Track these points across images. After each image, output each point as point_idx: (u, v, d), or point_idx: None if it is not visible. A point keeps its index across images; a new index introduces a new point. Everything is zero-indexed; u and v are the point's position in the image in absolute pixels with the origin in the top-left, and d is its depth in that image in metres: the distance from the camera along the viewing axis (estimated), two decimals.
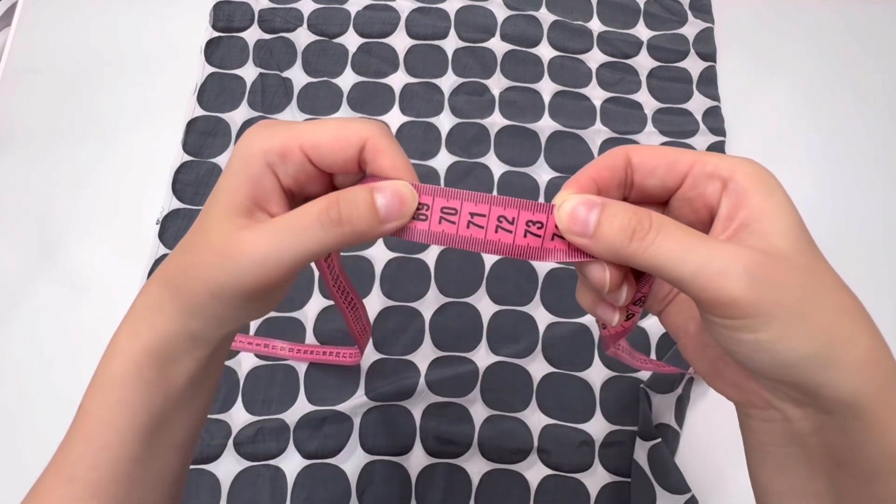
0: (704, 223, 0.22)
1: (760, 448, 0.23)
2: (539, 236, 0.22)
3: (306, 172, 0.23)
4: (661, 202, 0.24)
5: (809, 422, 0.21)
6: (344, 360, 0.47)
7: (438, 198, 0.22)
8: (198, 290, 0.22)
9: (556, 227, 0.22)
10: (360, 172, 0.24)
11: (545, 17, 0.61)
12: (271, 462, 0.46)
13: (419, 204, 0.22)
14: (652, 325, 0.50)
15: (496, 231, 0.22)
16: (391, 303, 0.50)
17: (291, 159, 0.22)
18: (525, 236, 0.22)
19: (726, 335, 0.20)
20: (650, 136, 0.57)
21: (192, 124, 0.55)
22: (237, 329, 0.25)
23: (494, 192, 0.54)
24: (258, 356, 0.48)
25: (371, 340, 0.49)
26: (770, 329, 0.19)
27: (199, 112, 0.56)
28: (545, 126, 0.57)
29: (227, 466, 0.45)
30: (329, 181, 0.24)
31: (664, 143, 0.56)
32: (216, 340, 0.24)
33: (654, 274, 0.21)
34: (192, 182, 0.53)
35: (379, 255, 0.51)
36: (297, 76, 0.58)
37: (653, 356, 0.49)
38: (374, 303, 0.50)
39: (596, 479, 0.46)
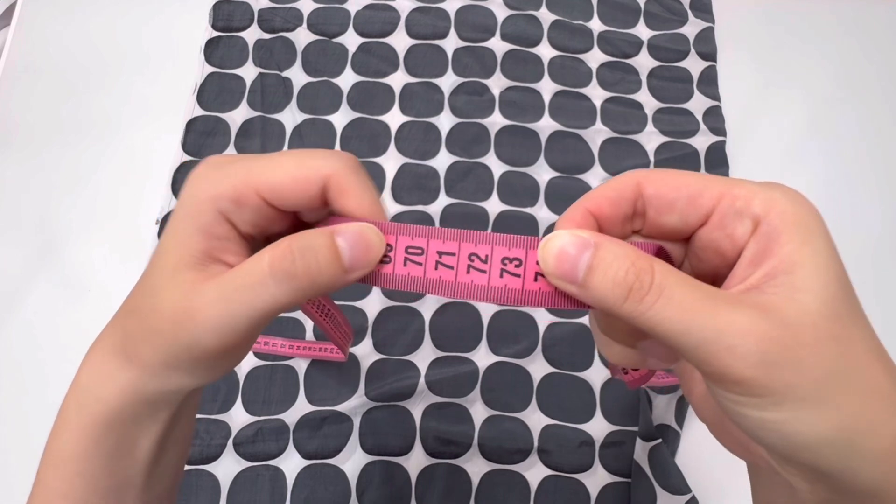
0: (731, 265, 0.19)
1: (765, 502, 0.22)
2: (518, 276, 0.19)
3: (265, 216, 0.20)
4: (680, 239, 0.20)
5: (818, 497, 0.18)
6: (336, 355, 0.47)
7: (402, 236, 0.20)
8: (150, 358, 0.19)
9: (539, 265, 0.19)
10: (327, 208, 0.21)
11: (545, 16, 0.61)
12: (271, 462, 0.46)
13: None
14: None
15: (468, 272, 0.19)
16: (391, 303, 0.50)
17: (247, 204, 0.19)
18: (501, 276, 0.19)
19: (730, 407, 0.17)
20: (650, 136, 0.56)
21: (191, 124, 0.55)
22: (203, 386, 0.22)
23: (495, 193, 0.54)
24: (257, 355, 0.48)
25: (371, 341, 0.49)
26: (780, 411, 0.16)
27: (199, 112, 0.56)
28: (545, 126, 0.56)
29: (227, 467, 0.45)
30: (294, 217, 0.22)
31: (664, 143, 0.56)
32: (179, 400, 0.21)
33: (651, 335, 0.18)
34: None
35: None
36: (297, 76, 0.58)
37: None
38: (374, 303, 0.50)
39: (596, 479, 0.46)
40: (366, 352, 0.48)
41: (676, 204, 0.19)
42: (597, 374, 0.49)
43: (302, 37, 0.59)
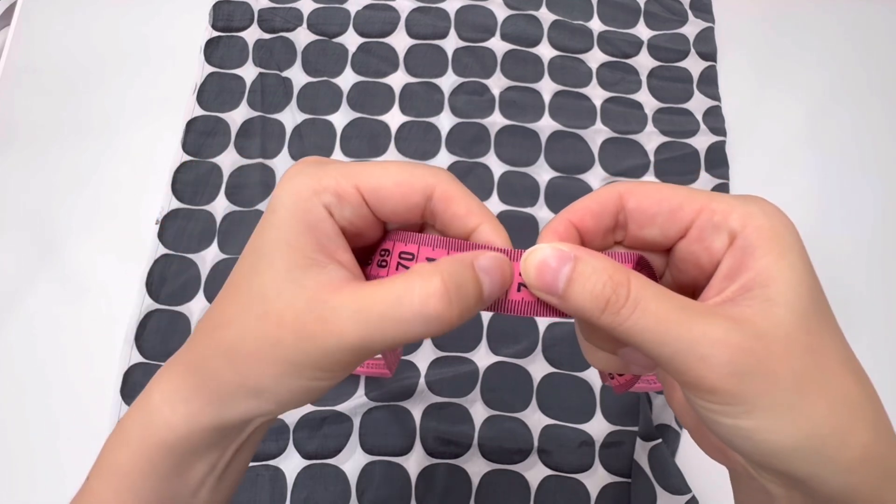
0: (709, 277, 0.20)
1: None
2: None
3: (364, 218, 0.20)
4: (660, 251, 0.21)
5: (793, 502, 0.19)
6: (382, 370, 0.46)
7: (398, 242, 0.20)
8: (254, 367, 0.18)
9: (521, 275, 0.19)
10: (419, 222, 0.21)
11: (545, 16, 0.61)
12: (271, 462, 0.45)
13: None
14: None
15: None
16: None
17: (349, 201, 0.19)
18: None
19: (705, 414, 0.18)
20: (650, 136, 0.56)
21: (191, 124, 0.55)
22: (276, 416, 0.21)
23: (495, 193, 0.54)
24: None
25: None
26: (750, 419, 0.17)
27: (199, 112, 0.56)
28: (545, 126, 0.56)
29: None
30: (382, 229, 0.21)
31: (665, 143, 0.56)
32: (247, 433, 0.21)
33: (629, 345, 0.18)
34: (192, 182, 0.53)
35: None
36: (297, 76, 0.58)
37: None
38: None
39: (596, 479, 0.46)
40: None
41: (657, 217, 0.20)
42: (597, 375, 0.49)
43: (302, 37, 0.59)
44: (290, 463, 0.45)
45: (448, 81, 0.58)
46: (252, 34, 0.59)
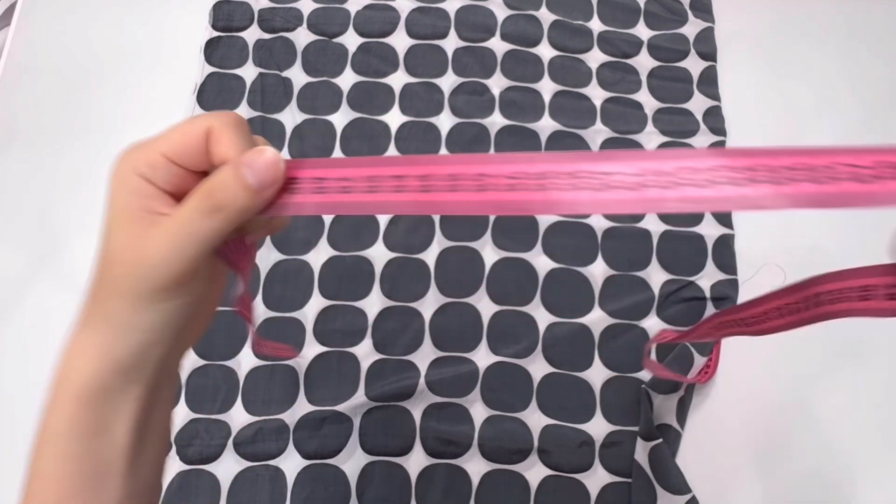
0: None
1: None
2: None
3: (178, 175, 0.23)
4: None
5: None
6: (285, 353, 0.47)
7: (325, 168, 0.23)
8: (115, 305, 0.22)
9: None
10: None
11: (545, 16, 0.61)
12: (271, 462, 0.46)
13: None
14: (652, 326, 0.50)
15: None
16: (391, 303, 0.50)
17: (158, 167, 0.23)
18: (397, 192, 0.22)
19: None
20: (650, 136, 0.56)
21: None
22: (168, 352, 0.24)
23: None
24: (256, 355, 0.48)
25: (371, 341, 0.49)
26: None
27: (199, 112, 0.56)
28: (545, 126, 0.56)
29: (227, 467, 0.45)
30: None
31: (664, 144, 0.56)
32: (148, 369, 0.23)
33: None
34: None
35: (379, 255, 0.51)
36: (297, 76, 0.58)
37: (653, 357, 0.49)
38: (374, 303, 0.50)
39: (596, 479, 0.46)
40: (366, 352, 0.48)
41: None
42: (597, 374, 0.49)
43: (302, 37, 0.59)
44: (290, 463, 0.45)
45: (448, 81, 0.58)
46: (252, 34, 0.59)
